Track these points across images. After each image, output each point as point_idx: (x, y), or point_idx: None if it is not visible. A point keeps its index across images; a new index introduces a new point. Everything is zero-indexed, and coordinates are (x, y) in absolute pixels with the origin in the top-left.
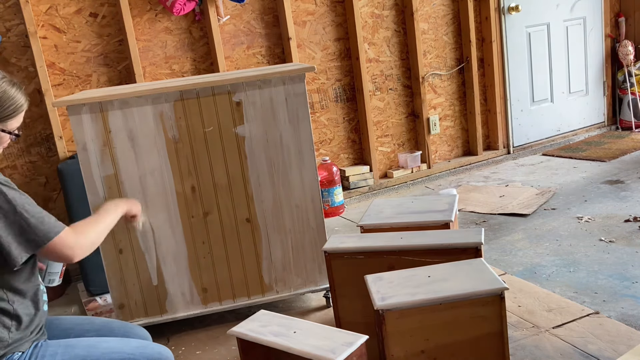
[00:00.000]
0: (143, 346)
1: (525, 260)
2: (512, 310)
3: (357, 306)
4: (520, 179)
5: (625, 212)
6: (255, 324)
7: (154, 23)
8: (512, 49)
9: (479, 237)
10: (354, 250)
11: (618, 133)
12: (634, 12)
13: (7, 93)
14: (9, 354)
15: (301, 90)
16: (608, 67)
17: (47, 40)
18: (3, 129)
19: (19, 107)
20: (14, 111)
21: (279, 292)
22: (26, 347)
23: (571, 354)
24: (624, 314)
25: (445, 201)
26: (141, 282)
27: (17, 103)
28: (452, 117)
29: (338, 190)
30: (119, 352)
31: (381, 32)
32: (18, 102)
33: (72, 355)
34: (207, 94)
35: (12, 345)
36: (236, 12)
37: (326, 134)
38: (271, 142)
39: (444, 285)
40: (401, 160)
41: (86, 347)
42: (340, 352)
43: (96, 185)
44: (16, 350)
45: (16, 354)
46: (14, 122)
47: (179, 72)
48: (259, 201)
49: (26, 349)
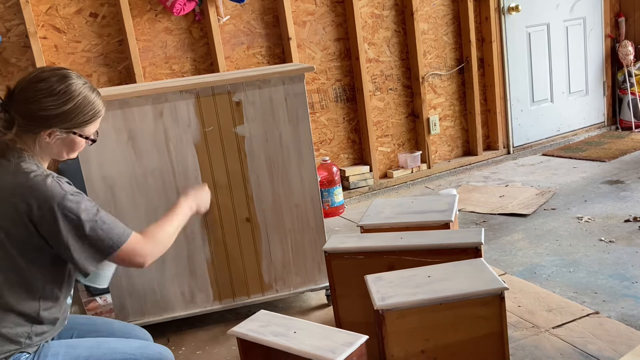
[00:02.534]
0: (144, 346)
1: (525, 260)
2: (512, 310)
3: (357, 306)
4: (520, 179)
5: (625, 212)
6: (255, 324)
7: (154, 23)
8: (512, 49)
9: (479, 237)
10: (354, 250)
11: (618, 133)
12: (634, 12)
13: (88, 98)
14: (17, 354)
15: (300, 90)
16: (608, 67)
17: (47, 40)
18: (80, 134)
19: (97, 113)
20: (93, 117)
21: (278, 291)
22: (33, 350)
23: (571, 354)
24: (624, 314)
25: (445, 201)
26: (141, 282)
27: (96, 109)
28: (452, 117)
29: (338, 190)
30: (120, 353)
31: (381, 32)
32: (97, 108)
33: (73, 355)
34: (207, 94)
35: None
36: (236, 12)
37: (326, 134)
38: (271, 142)
39: (444, 285)
40: (401, 160)
41: (88, 347)
42: (340, 352)
43: (96, 185)
44: (24, 352)
45: (23, 355)
46: (92, 128)
47: (179, 72)
48: (258, 201)
49: (33, 351)
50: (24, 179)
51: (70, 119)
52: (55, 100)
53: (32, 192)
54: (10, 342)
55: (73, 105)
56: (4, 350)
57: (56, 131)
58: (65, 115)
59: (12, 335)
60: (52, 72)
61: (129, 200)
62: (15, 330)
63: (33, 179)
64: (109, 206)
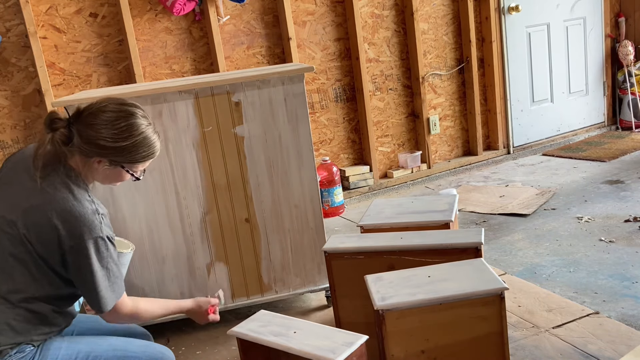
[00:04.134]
0: (145, 345)
1: (525, 260)
2: (512, 310)
3: (357, 306)
4: (520, 179)
5: (625, 212)
6: (255, 324)
7: (154, 23)
8: (512, 49)
9: (479, 237)
10: (354, 250)
11: (618, 133)
12: (634, 12)
13: (148, 139)
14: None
15: (300, 91)
16: (608, 67)
17: (47, 40)
18: (128, 170)
19: (151, 155)
20: (146, 157)
21: (278, 292)
22: (37, 344)
23: (571, 354)
24: (624, 314)
25: (445, 201)
26: (141, 282)
27: (151, 150)
28: (452, 117)
29: (338, 191)
30: (122, 350)
31: (381, 32)
32: (152, 150)
33: (75, 350)
34: (206, 94)
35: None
36: (236, 12)
37: (326, 134)
38: (270, 142)
39: (444, 285)
40: (401, 160)
41: (90, 343)
42: (340, 352)
43: (95, 185)
44: (30, 344)
45: (29, 347)
46: (141, 166)
47: (179, 72)
48: (258, 201)
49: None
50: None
51: (123, 154)
52: (116, 134)
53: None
54: (18, 335)
55: (130, 143)
56: (11, 341)
57: (106, 162)
58: (120, 150)
59: (20, 329)
60: (121, 107)
61: (128, 201)
62: (23, 325)
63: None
64: (108, 206)
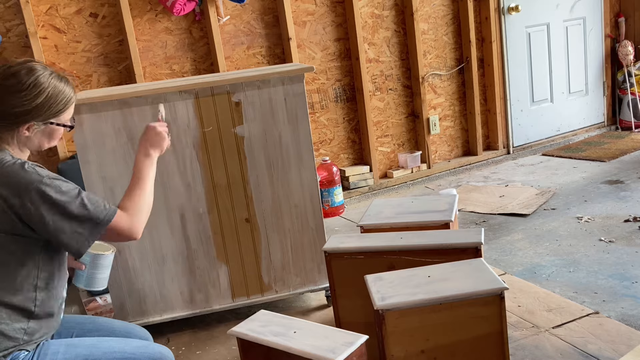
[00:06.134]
0: (144, 346)
1: (525, 260)
2: (512, 310)
3: (357, 306)
4: (520, 179)
5: (625, 212)
6: (255, 323)
7: (154, 23)
8: (512, 49)
9: (479, 237)
10: (354, 250)
11: (618, 133)
12: (634, 12)
13: (57, 88)
14: (15, 351)
15: (300, 91)
16: (608, 67)
17: (47, 40)
18: (58, 123)
19: (70, 100)
20: (66, 104)
21: (278, 292)
22: (32, 348)
23: (571, 354)
24: (624, 314)
25: (445, 201)
26: (141, 282)
27: (67, 96)
28: (452, 117)
29: (338, 190)
30: (120, 352)
31: (381, 33)
32: (68, 95)
33: (74, 354)
34: (206, 94)
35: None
36: (236, 12)
37: (326, 134)
38: (270, 142)
39: (444, 285)
40: (401, 160)
41: (88, 346)
42: (340, 352)
43: (96, 185)
44: (23, 349)
45: (22, 353)
46: (66, 115)
47: (179, 72)
48: (258, 201)
49: (32, 349)
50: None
51: (44, 110)
52: (27, 95)
53: (8, 180)
54: (8, 339)
55: (45, 97)
56: (1, 348)
57: (34, 124)
58: (39, 108)
59: (8, 332)
60: (19, 67)
61: None
62: (11, 326)
63: (7, 167)
64: None
